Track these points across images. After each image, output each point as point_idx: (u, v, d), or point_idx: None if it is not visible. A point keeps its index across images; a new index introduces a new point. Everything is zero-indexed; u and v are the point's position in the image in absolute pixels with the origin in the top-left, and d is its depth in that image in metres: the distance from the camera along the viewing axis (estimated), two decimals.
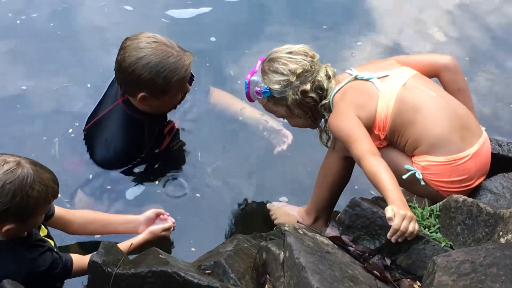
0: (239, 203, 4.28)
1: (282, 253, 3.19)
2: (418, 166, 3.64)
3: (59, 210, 3.68)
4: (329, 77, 3.76)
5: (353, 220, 3.41)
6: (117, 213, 4.02)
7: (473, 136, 3.66)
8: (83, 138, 4.26)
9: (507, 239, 3.13)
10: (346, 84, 3.74)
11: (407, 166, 3.64)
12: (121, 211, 4.07)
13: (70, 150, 4.29)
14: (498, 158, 3.84)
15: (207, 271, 3.31)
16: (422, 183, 3.62)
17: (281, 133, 4.39)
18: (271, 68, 3.75)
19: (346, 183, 3.97)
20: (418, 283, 3.25)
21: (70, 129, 4.36)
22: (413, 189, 3.66)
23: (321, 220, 4.00)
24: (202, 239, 4.02)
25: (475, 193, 3.65)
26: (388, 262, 3.33)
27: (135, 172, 4.23)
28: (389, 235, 3.27)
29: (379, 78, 3.71)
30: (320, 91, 3.76)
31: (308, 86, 3.73)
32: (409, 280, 3.28)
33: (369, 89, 3.69)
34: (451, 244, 3.35)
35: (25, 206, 3.22)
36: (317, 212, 4.00)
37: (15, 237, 3.34)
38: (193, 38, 5.00)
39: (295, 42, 3.85)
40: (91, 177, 4.19)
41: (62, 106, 4.63)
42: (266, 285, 3.25)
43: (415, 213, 3.40)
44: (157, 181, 4.27)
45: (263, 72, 3.78)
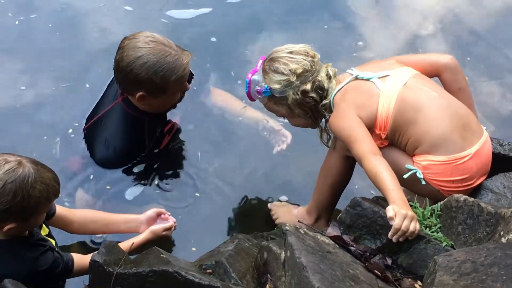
0: (239, 203, 4.29)
1: (283, 252, 3.19)
2: (419, 165, 3.63)
3: (60, 210, 3.68)
4: (329, 77, 3.76)
5: (354, 220, 3.40)
6: (117, 213, 4.00)
7: (474, 136, 3.66)
8: (83, 137, 4.25)
9: (508, 238, 3.13)
10: (346, 84, 3.74)
11: (408, 166, 3.64)
12: (121, 211, 4.05)
13: (70, 149, 4.29)
14: (499, 157, 3.84)
15: (208, 271, 3.31)
16: (423, 182, 3.62)
17: (280, 133, 4.39)
18: (271, 67, 3.75)
19: (347, 182, 3.97)
20: (419, 282, 3.25)
21: (70, 129, 4.35)
22: (414, 188, 3.66)
23: (322, 220, 4.00)
24: (203, 238, 4.02)
25: (476, 192, 3.65)
26: (389, 261, 3.33)
27: (134, 171, 4.23)
28: (390, 234, 3.27)
29: (379, 78, 3.71)
30: (321, 91, 3.76)
31: (308, 86, 3.73)
32: (410, 279, 3.28)
33: (369, 89, 3.69)
34: (452, 243, 3.34)
35: (26, 205, 3.22)
36: (318, 212, 4.00)
37: (16, 236, 3.34)
38: (193, 39, 4.99)
39: (295, 42, 3.84)
40: (91, 176, 4.18)
41: (61, 106, 4.63)
42: (267, 285, 3.25)
43: (416, 213, 3.40)
44: (156, 181, 4.27)
45: (264, 72, 3.78)
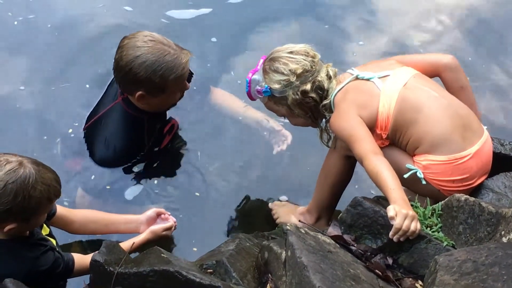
0: (240, 203, 4.29)
1: (284, 252, 3.19)
2: (419, 165, 3.63)
3: (61, 210, 3.68)
4: (329, 77, 3.76)
5: (355, 219, 3.40)
6: (117, 213, 4.00)
7: (475, 136, 3.66)
8: (83, 137, 4.26)
9: (509, 238, 3.13)
10: (347, 84, 3.74)
11: (409, 165, 3.64)
12: (121, 211, 4.05)
13: (70, 149, 4.29)
14: (500, 157, 3.84)
15: (209, 270, 3.31)
16: (423, 182, 3.62)
17: (280, 133, 4.39)
18: (271, 67, 3.75)
19: (348, 182, 3.97)
20: (420, 282, 3.25)
21: (70, 129, 4.36)
22: (414, 188, 3.66)
23: (323, 219, 4.00)
24: (204, 238, 4.02)
25: (477, 192, 3.65)
26: (390, 261, 3.33)
27: (134, 171, 4.23)
28: (391, 234, 3.27)
29: (380, 78, 3.70)
30: (321, 91, 3.75)
31: (308, 86, 3.72)
32: (411, 279, 3.28)
33: (370, 89, 3.69)
34: (453, 243, 3.34)
35: (27, 206, 3.21)
36: (319, 211, 4.00)
37: (16, 236, 3.34)
38: (193, 39, 5.00)
39: (296, 42, 3.84)
40: (91, 176, 4.18)
41: (62, 106, 4.63)
42: (268, 284, 3.24)
43: (417, 212, 3.40)
44: (156, 180, 4.27)
45: (264, 71, 3.78)
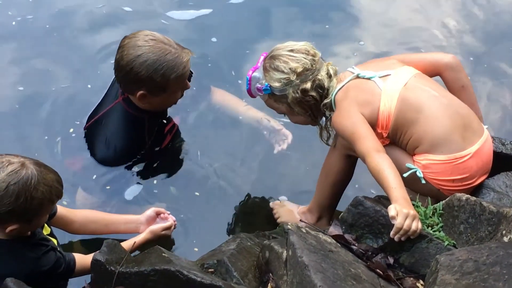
0: (240, 202, 4.29)
1: (285, 251, 3.19)
2: (419, 164, 3.63)
3: (61, 210, 3.68)
4: (330, 75, 3.75)
5: (356, 219, 3.40)
6: (117, 213, 4.01)
7: (475, 135, 3.65)
8: (84, 136, 4.26)
9: (510, 237, 3.13)
10: (347, 82, 3.73)
11: (408, 165, 3.64)
12: (121, 210, 4.06)
13: (71, 149, 4.29)
14: (502, 156, 3.84)
15: (210, 270, 3.30)
16: (423, 181, 3.62)
17: (281, 132, 4.39)
18: (272, 65, 3.74)
19: (348, 181, 3.96)
20: (421, 281, 3.24)
21: (71, 128, 4.36)
22: (414, 187, 3.65)
23: (324, 219, 4.00)
24: (205, 238, 4.02)
25: (478, 191, 3.65)
26: (391, 260, 3.33)
27: (134, 171, 4.23)
28: (392, 233, 3.27)
29: (380, 77, 3.70)
30: (321, 90, 3.75)
31: (308, 85, 3.72)
32: (412, 279, 3.27)
33: (371, 88, 3.68)
34: (454, 242, 3.34)
35: (29, 207, 3.21)
36: (319, 211, 4.00)
37: (18, 236, 3.33)
38: (194, 39, 5.00)
39: (296, 41, 3.83)
40: (91, 176, 4.18)
41: (62, 107, 4.63)
42: (269, 284, 3.24)
43: (418, 212, 3.39)
44: (155, 180, 4.27)
45: (265, 69, 3.77)
